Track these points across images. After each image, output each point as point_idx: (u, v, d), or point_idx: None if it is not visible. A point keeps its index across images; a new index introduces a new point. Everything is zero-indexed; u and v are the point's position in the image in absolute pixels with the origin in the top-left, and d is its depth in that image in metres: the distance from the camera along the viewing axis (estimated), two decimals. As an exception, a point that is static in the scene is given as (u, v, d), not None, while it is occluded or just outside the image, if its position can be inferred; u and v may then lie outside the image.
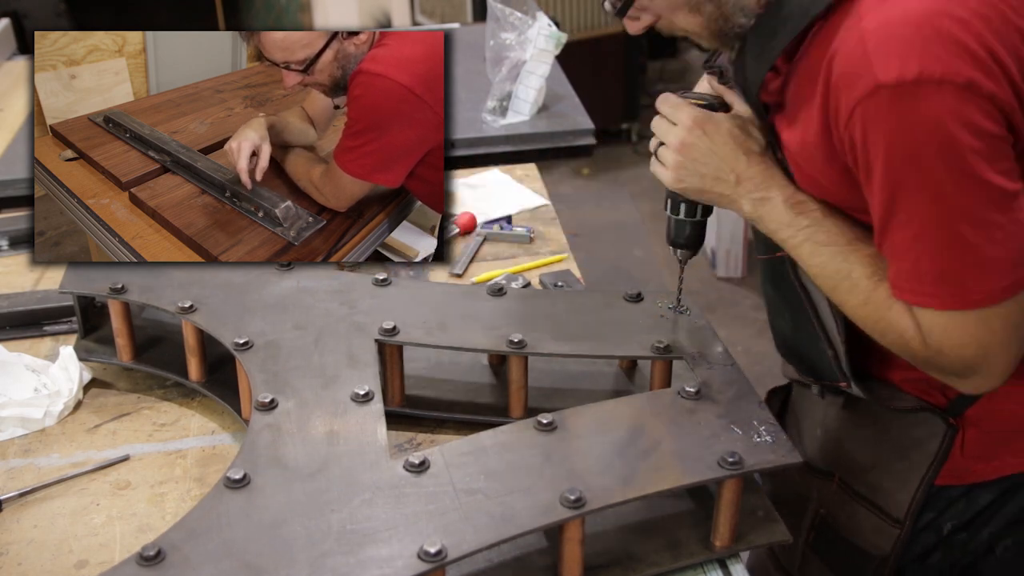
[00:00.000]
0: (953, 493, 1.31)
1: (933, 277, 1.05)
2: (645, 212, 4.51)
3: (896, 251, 1.07)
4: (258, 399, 1.23)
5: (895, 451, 1.31)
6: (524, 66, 2.30)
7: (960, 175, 0.99)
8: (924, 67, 0.96)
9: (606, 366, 1.47)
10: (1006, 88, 0.97)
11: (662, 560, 1.14)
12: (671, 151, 1.21)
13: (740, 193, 1.20)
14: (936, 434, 1.27)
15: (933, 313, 1.07)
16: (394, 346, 1.36)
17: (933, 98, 0.97)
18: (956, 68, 0.96)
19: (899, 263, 1.08)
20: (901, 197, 1.03)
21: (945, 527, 1.32)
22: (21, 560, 1.19)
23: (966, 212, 1.01)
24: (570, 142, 2.31)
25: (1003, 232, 1.02)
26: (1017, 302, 1.05)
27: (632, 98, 5.20)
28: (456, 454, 1.13)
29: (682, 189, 1.24)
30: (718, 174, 1.20)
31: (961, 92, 0.96)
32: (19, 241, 1.88)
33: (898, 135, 1.00)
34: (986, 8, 0.98)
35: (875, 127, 1.01)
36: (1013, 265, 1.03)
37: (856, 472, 1.37)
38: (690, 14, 1.13)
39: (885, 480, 1.33)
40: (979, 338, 1.07)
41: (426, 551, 0.99)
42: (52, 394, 1.43)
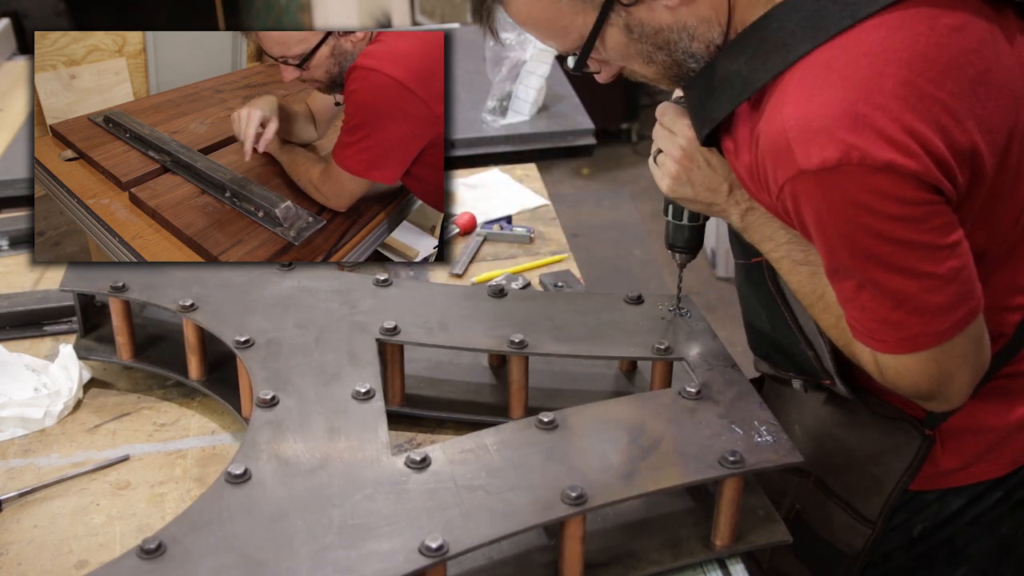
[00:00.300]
0: (927, 498, 1.33)
1: (877, 324, 1.09)
2: (645, 212, 4.51)
3: (843, 299, 1.11)
4: (259, 396, 1.23)
5: (872, 455, 1.33)
6: (524, 66, 2.30)
7: (888, 243, 1.02)
8: (843, 154, 0.98)
9: (606, 367, 1.47)
10: (927, 163, 0.99)
11: (662, 559, 1.15)
12: (670, 160, 1.24)
13: (730, 203, 1.23)
14: (912, 443, 1.29)
15: (883, 355, 1.11)
16: (395, 346, 1.36)
17: (852, 180, 0.99)
18: (874, 154, 0.98)
19: (848, 309, 1.12)
20: (837, 261, 1.07)
21: (915, 528, 1.35)
22: (21, 560, 1.19)
23: (898, 269, 1.04)
24: (570, 142, 2.32)
25: (939, 280, 1.05)
26: (964, 335, 1.09)
27: (632, 98, 5.20)
28: (457, 451, 1.13)
29: (678, 197, 1.26)
30: (712, 185, 1.22)
31: (879, 173, 0.99)
32: (19, 241, 1.88)
33: (825, 213, 1.04)
34: (902, 89, 0.99)
35: (804, 204, 1.05)
36: (953, 307, 1.07)
37: (833, 472, 1.38)
38: (645, 64, 1.17)
39: (860, 482, 1.35)
40: (930, 374, 1.11)
41: (427, 546, 1.00)
42: (52, 394, 1.43)
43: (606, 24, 1.12)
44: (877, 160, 0.98)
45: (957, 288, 1.06)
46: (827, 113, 1.00)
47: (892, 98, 0.99)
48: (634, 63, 1.18)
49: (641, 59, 1.16)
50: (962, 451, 1.29)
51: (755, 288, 1.34)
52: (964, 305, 1.07)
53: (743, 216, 1.22)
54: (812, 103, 1.01)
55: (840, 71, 1.01)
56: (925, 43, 1.01)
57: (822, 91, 1.01)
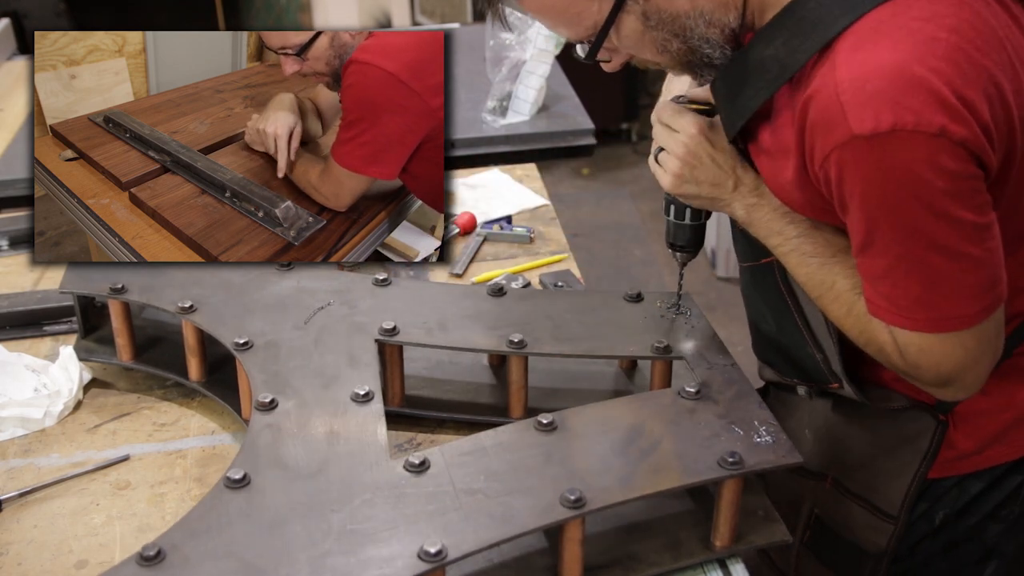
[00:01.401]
0: (946, 484, 1.32)
1: (908, 302, 1.08)
2: (645, 212, 4.51)
3: (872, 276, 1.10)
4: (258, 399, 1.23)
5: (887, 449, 1.32)
6: (524, 66, 2.30)
7: (932, 216, 1.02)
8: (897, 118, 0.98)
9: (606, 366, 1.47)
10: (976, 131, 0.99)
11: (662, 560, 1.14)
12: (673, 158, 1.23)
13: (735, 198, 1.22)
14: (927, 431, 1.28)
15: (908, 333, 1.10)
16: (394, 346, 1.36)
17: (906, 147, 0.99)
18: (928, 118, 0.98)
19: (875, 284, 1.11)
20: (876, 233, 1.06)
21: (937, 517, 1.34)
22: (21, 560, 1.19)
23: (939, 247, 1.04)
24: (570, 142, 2.32)
25: (975, 262, 1.05)
26: (991, 320, 1.09)
27: (632, 98, 5.20)
28: (456, 454, 1.13)
29: (680, 194, 1.26)
30: (717, 180, 1.22)
31: (933, 140, 0.98)
32: (19, 241, 1.88)
33: (873, 181, 1.03)
34: (954, 53, 0.99)
35: (850, 172, 1.03)
36: (984, 290, 1.07)
37: (849, 471, 1.37)
38: (658, 53, 1.16)
39: (878, 478, 1.34)
40: (954, 357, 1.10)
41: (426, 551, 0.99)
42: (52, 394, 1.43)
43: (622, 12, 1.11)
44: (931, 125, 0.97)
45: (989, 272, 1.06)
46: (882, 75, 0.99)
47: (945, 62, 0.98)
48: (646, 52, 1.16)
49: (655, 47, 1.15)
50: (977, 433, 1.28)
51: (762, 290, 1.33)
52: (994, 290, 1.07)
53: (749, 211, 1.22)
54: (866, 65, 1.00)
55: (892, 34, 1.00)
56: (968, 13, 1.01)
57: (875, 53, 1.00)
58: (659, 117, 1.26)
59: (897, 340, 1.12)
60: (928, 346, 1.10)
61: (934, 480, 1.31)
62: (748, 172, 1.21)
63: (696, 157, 1.21)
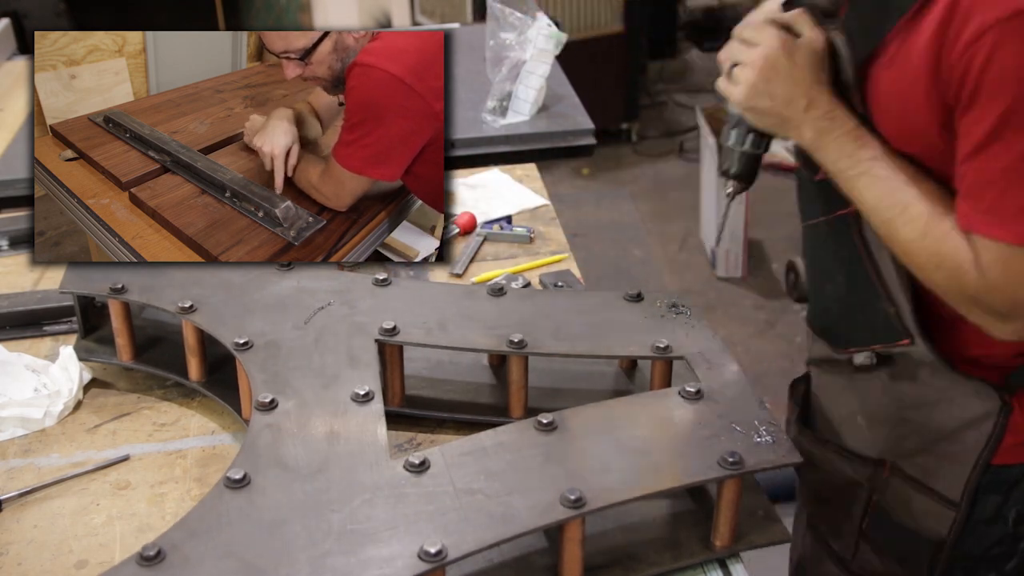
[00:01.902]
0: (1013, 473, 1.28)
1: (1013, 212, 1.07)
2: (645, 212, 4.51)
3: (981, 179, 1.09)
4: (258, 399, 1.23)
5: (948, 432, 1.29)
6: (524, 66, 2.29)
7: None
8: None
9: (606, 366, 1.47)
10: None
11: (662, 560, 1.15)
12: (749, 69, 1.23)
13: (806, 119, 1.21)
14: (991, 413, 1.26)
15: (999, 247, 1.09)
16: (394, 346, 1.36)
17: None
18: None
19: (979, 192, 1.09)
20: (1009, 127, 1.05)
21: (1010, 515, 1.30)
22: (21, 560, 1.19)
23: None
24: (570, 142, 2.31)
25: None
26: None
27: (632, 98, 5.20)
28: (456, 454, 1.13)
29: (750, 108, 1.25)
30: (791, 97, 1.21)
31: None
32: (19, 241, 1.88)
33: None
34: None
35: (1004, 51, 1.02)
36: None
37: (907, 456, 1.34)
38: None
39: (939, 462, 1.31)
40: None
41: (426, 551, 0.99)
42: (52, 394, 1.43)
43: None
44: None
45: None
46: None
47: None
48: None
49: None
50: None
51: (833, 245, 1.32)
52: None
53: (819, 134, 1.21)
54: None
55: None
56: None
57: None
58: (740, 32, 1.26)
59: (981, 257, 1.10)
60: (1015, 262, 1.08)
61: (1000, 468, 1.28)
62: (823, 95, 1.21)
63: (774, 69, 1.21)
